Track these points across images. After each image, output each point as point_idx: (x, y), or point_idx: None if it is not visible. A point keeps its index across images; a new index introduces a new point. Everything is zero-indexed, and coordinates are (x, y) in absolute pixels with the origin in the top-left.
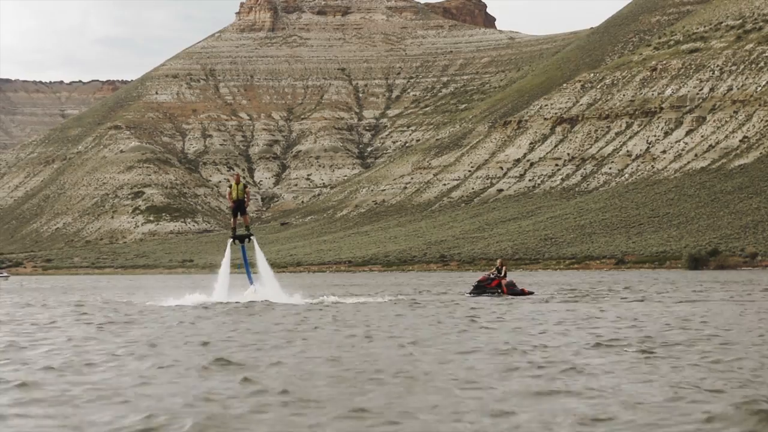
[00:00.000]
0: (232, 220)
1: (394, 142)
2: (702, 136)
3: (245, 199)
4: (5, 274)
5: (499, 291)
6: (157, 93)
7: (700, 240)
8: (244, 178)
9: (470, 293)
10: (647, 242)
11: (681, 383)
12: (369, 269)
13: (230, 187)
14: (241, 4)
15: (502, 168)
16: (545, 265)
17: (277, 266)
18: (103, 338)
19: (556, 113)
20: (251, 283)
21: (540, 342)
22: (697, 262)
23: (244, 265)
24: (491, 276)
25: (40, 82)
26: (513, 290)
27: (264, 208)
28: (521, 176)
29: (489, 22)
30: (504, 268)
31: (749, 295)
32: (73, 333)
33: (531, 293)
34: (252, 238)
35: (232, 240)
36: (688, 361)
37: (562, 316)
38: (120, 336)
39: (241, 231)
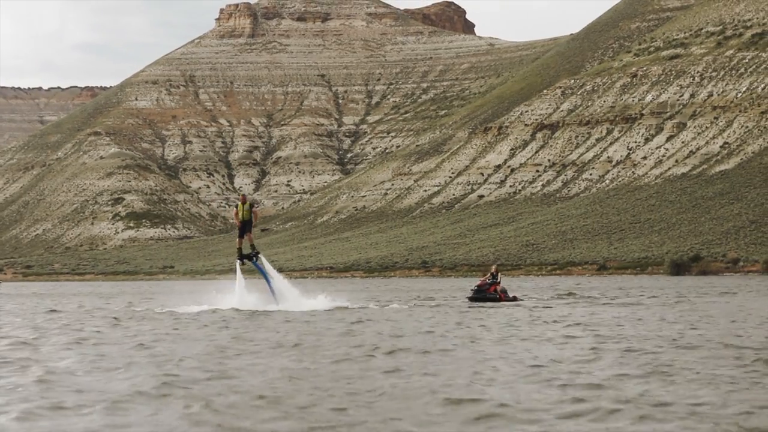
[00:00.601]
0: (237, 240)
1: (374, 149)
2: (683, 142)
3: (252, 219)
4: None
5: (497, 297)
6: (136, 99)
7: (682, 246)
8: (249, 195)
9: (470, 298)
10: (629, 248)
11: None
12: (351, 275)
13: (236, 207)
14: (221, 11)
15: (482, 174)
16: (527, 271)
17: (258, 272)
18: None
19: (536, 119)
20: (273, 295)
21: None
22: (679, 268)
23: (266, 280)
24: (488, 282)
25: (19, 88)
26: (507, 297)
27: None
28: (502, 182)
29: (468, 28)
30: (499, 274)
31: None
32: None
33: (521, 300)
34: (259, 255)
35: (240, 261)
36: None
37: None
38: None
39: (246, 252)
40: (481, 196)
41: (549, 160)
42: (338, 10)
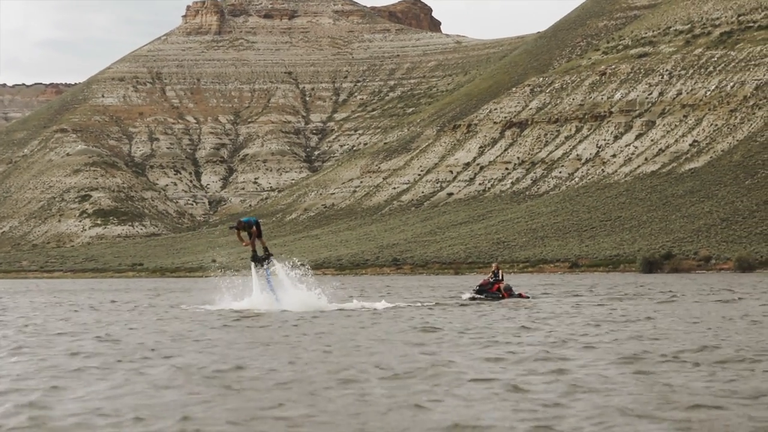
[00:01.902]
0: (250, 244)
1: (341, 146)
2: (652, 140)
3: (253, 232)
4: None
5: (501, 295)
6: (103, 96)
7: (653, 243)
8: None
9: (472, 297)
10: (600, 246)
11: None
12: (323, 273)
13: (237, 234)
14: (188, 8)
15: (452, 172)
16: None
17: (229, 269)
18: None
19: (505, 117)
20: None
21: None
22: (651, 266)
23: (269, 287)
24: (491, 280)
25: None
26: (512, 294)
27: (211, 212)
28: (471, 180)
29: (434, 26)
30: (500, 271)
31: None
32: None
33: (527, 297)
34: (272, 258)
35: (254, 264)
36: None
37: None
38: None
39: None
40: (450, 194)
41: (518, 158)
42: (305, 8)
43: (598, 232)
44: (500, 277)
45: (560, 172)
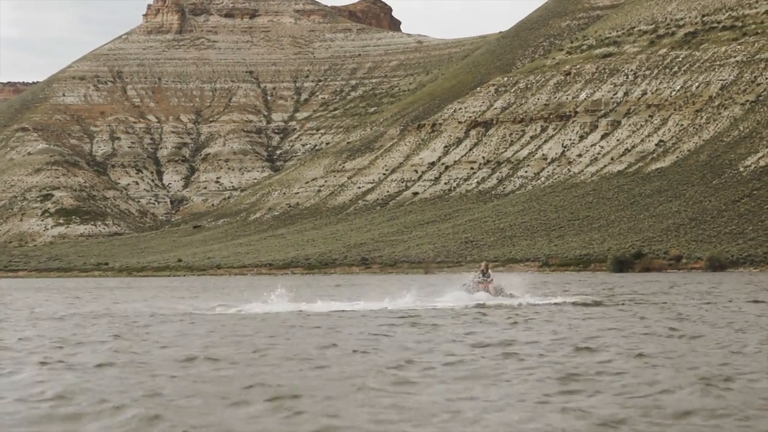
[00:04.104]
0: None
1: (303, 145)
2: (618, 140)
3: None
4: None
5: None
6: (64, 95)
7: (623, 243)
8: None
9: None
10: (569, 245)
11: None
12: (291, 272)
13: None
14: (149, 6)
15: (417, 171)
16: (469, 268)
17: (196, 269)
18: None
19: (470, 117)
20: None
21: None
22: (622, 265)
23: None
24: (477, 280)
25: None
26: (502, 293)
27: (173, 211)
28: (437, 179)
29: (394, 25)
30: (490, 271)
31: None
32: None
33: (517, 296)
34: None
35: None
36: None
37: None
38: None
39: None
40: (415, 193)
41: (483, 158)
42: (266, 7)
43: (566, 232)
44: (490, 277)
45: (526, 172)
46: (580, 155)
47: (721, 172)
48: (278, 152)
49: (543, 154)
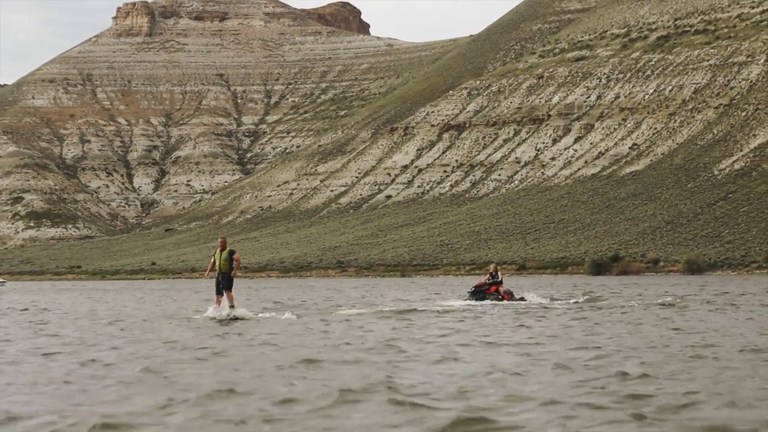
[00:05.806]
0: (215, 296)
1: (274, 148)
2: (591, 144)
3: (232, 268)
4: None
5: (500, 297)
6: (33, 98)
7: (600, 246)
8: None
9: (468, 300)
10: (546, 248)
11: None
12: (267, 275)
13: (214, 255)
14: (118, 9)
15: (389, 174)
16: (446, 271)
17: (171, 272)
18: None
19: (443, 120)
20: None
21: None
22: (600, 268)
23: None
24: (488, 282)
25: None
26: (513, 298)
27: (144, 214)
28: (410, 182)
29: (363, 28)
30: (499, 273)
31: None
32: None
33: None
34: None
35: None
36: None
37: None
38: None
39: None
40: (389, 197)
41: (457, 161)
42: (236, 10)
43: (542, 235)
44: (499, 279)
45: (499, 175)
46: (553, 158)
47: (695, 176)
48: (249, 155)
49: (516, 158)
